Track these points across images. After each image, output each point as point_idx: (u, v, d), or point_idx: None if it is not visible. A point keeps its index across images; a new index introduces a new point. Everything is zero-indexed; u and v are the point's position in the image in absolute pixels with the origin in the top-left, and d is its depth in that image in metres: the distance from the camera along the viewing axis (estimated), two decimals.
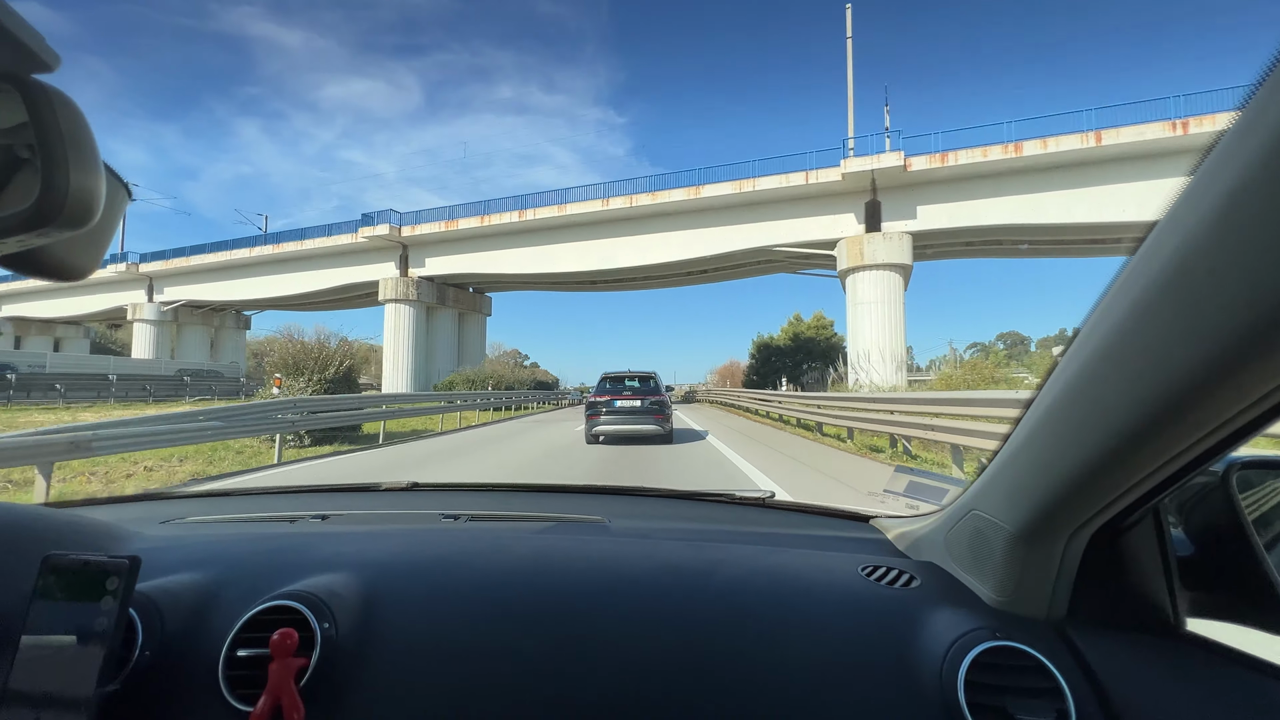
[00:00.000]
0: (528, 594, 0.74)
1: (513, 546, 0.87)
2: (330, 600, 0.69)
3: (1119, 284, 0.44)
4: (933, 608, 0.70)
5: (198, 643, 0.68)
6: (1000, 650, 0.60)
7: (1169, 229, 0.38)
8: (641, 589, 0.75)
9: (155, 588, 0.71)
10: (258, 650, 0.63)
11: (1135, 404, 0.43)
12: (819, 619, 0.70)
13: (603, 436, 9.88)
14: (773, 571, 0.79)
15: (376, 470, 7.78)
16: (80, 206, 0.35)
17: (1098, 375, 0.46)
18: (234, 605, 0.71)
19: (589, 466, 7.78)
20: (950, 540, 0.78)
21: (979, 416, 6.60)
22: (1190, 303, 0.37)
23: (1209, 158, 0.35)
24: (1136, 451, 0.46)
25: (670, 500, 1.29)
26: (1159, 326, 0.39)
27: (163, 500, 1.39)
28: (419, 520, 1.11)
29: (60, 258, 0.41)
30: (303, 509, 1.19)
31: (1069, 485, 0.53)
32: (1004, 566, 0.65)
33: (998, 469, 0.66)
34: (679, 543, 0.90)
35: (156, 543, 0.91)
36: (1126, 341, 0.42)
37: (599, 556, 0.84)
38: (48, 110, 0.34)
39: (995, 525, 0.66)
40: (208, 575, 0.78)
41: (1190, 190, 0.37)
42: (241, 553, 0.86)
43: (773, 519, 1.13)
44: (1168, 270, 0.38)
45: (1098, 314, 0.46)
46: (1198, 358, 0.37)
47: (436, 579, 0.77)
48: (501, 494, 1.40)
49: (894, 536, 0.95)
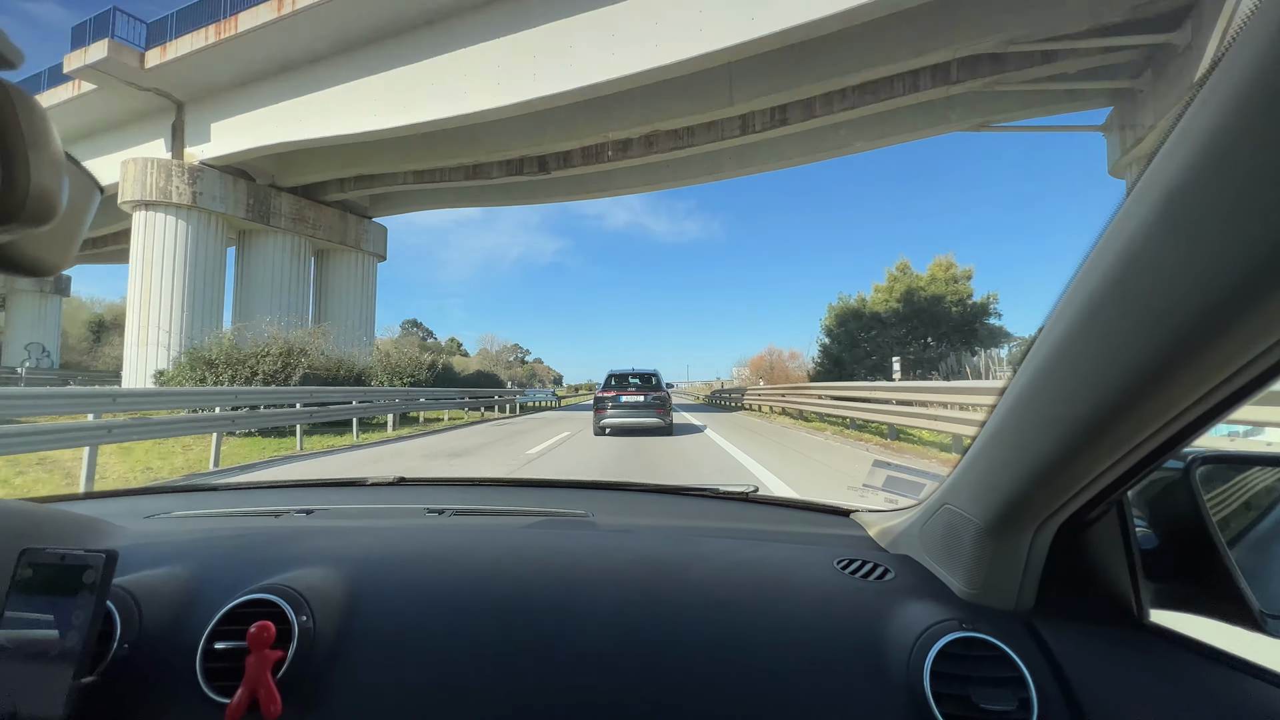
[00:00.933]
0: (507, 588, 0.75)
1: (494, 540, 0.87)
2: (308, 594, 0.70)
3: (1075, 281, 0.45)
4: (905, 600, 0.71)
5: (176, 635, 0.68)
6: (967, 641, 0.61)
7: (1118, 228, 0.39)
8: (621, 582, 0.76)
9: (134, 581, 0.72)
10: (236, 643, 0.64)
11: (1091, 398, 0.44)
12: (793, 611, 0.71)
13: (609, 429, 10.59)
14: (751, 565, 0.80)
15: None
16: (42, 204, 0.35)
17: (1056, 370, 0.47)
18: (213, 599, 0.71)
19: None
20: (924, 534, 0.79)
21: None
22: (1136, 298, 0.38)
23: (1152, 161, 0.36)
24: (1095, 444, 0.47)
25: (655, 495, 1.30)
26: (1109, 322, 0.40)
27: (148, 495, 1.38)
28: (404, 515, 1.12)
29: (30, 253, 0.41)
30: (288, 504, 1.19)
31: (1033, 478, 0.55)
32: (973, 559, 0.67)
33: (969, 463, 0.67)
34: (661, 537, 0.91)
35: (138, 537, 0.91)
36: (1081, 337, 0.44)
37: (581, 550, 0.85)
38: (8, 108, 0.34)
39: (965, 519, 0.67)
40: (188, 569, 0.78)
41: (1135, 191, 0.38)
42: (223, 547, 0.86)
43: (756, 513, 1.14)
44: (1115, 267, 0.39)
45: (1057, 310, 0.47)
46: (1147, 351, 0.38)
47: (416, 573, 0.78)
48: (487, 489, 1.41)
49: (874, 531, 0.97)
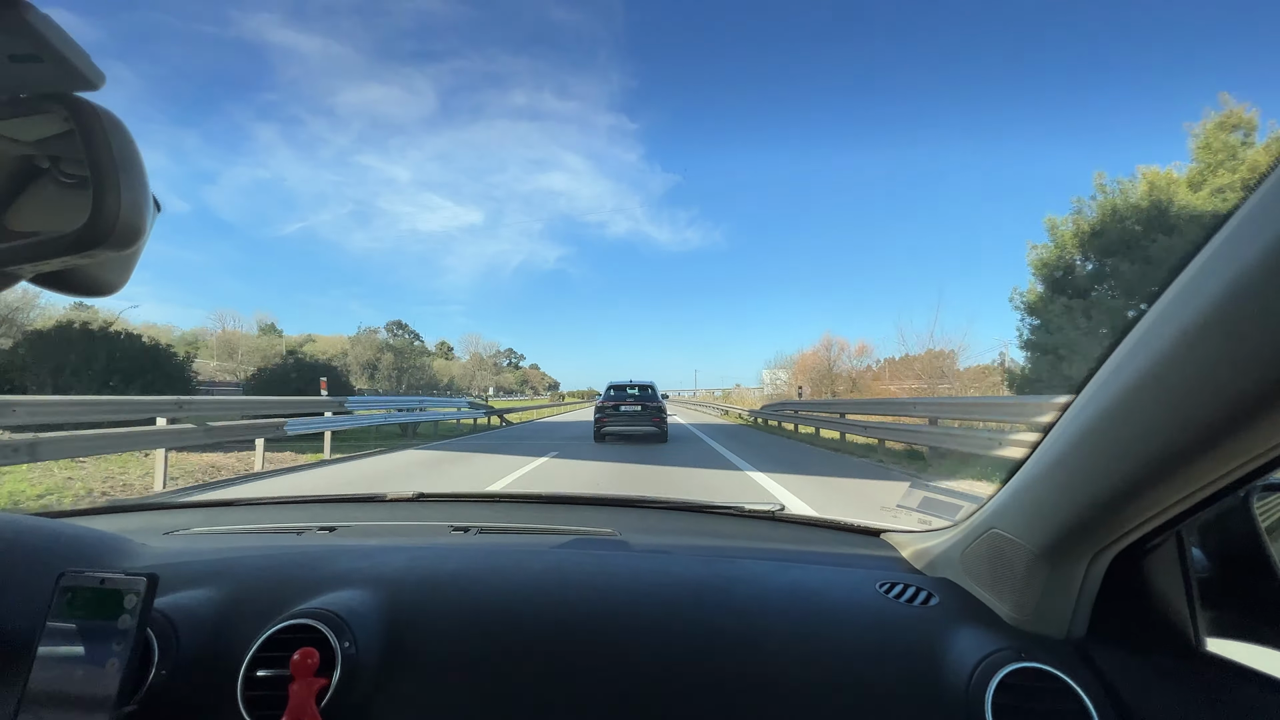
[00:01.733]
0: (546, 609, 0.74)
1: (529, 561, 0.86)
2: (350, 618, 0.68)
3: (1164, 307, 0.44)
4: (953, 626, 0.70)
5: (215, 662, 0.67)
6: (1025, 671, 0.60)
7: (1221, 256, 0.38)
8: (664, 607, 0.75)
9: (170, 605, 0.70)
10: (277, 670, 0.63)
11: (1178, 431, 0.43)
12: (840, 637, 0.70)
13: (609, 436, 11.51)
14: (790, 588, 0.79)
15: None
16: (129, 228, 0.35)
17: (1138, 401, 0.46)
18: (250, 623, 0.70)
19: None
20: (967, 557, 0.78)
21: None
22: (1241, 332, 0.37)
23: (1267, 182, 0.35)
24: (1175, 477, 0.46)
25: (680, 513, 1.29)
26: (1208, 354, 0.39)
27: (163, 510, 1.38)
28: (428, 533, 1.11)
29: (95, 276, 0.41)
30: (308, 520, 1.19)
31: (1098, 507, 0.53)
32: (1025, 586, 0.65)
33: (1020, 488, 0.66)
34: (695, 558, 0.90)
35: (165, 557, 0.90)
36: (1173, 368, 0.43)
37: (619, 572, 0.83)
38: (98, 129, 0.34)
39: (1016, 544, 0.66)
40: (221, 591, 0.77)
41: (1247, 215, 0.37)
42: (253, 567, 0.85)
43: (783, 533, 1.13)
44: (1219, 298, 0.38)
45: (1139, 337, 0.46)
46: (1246, 387, 0.37)
47: (454, 595, 0.77)
48: (508, 505, 1.39)
49: (908, 552, 0.95)
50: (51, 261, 0.36)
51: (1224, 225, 0.39)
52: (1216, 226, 0.39)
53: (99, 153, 0.34)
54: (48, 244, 0.34)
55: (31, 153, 0.39)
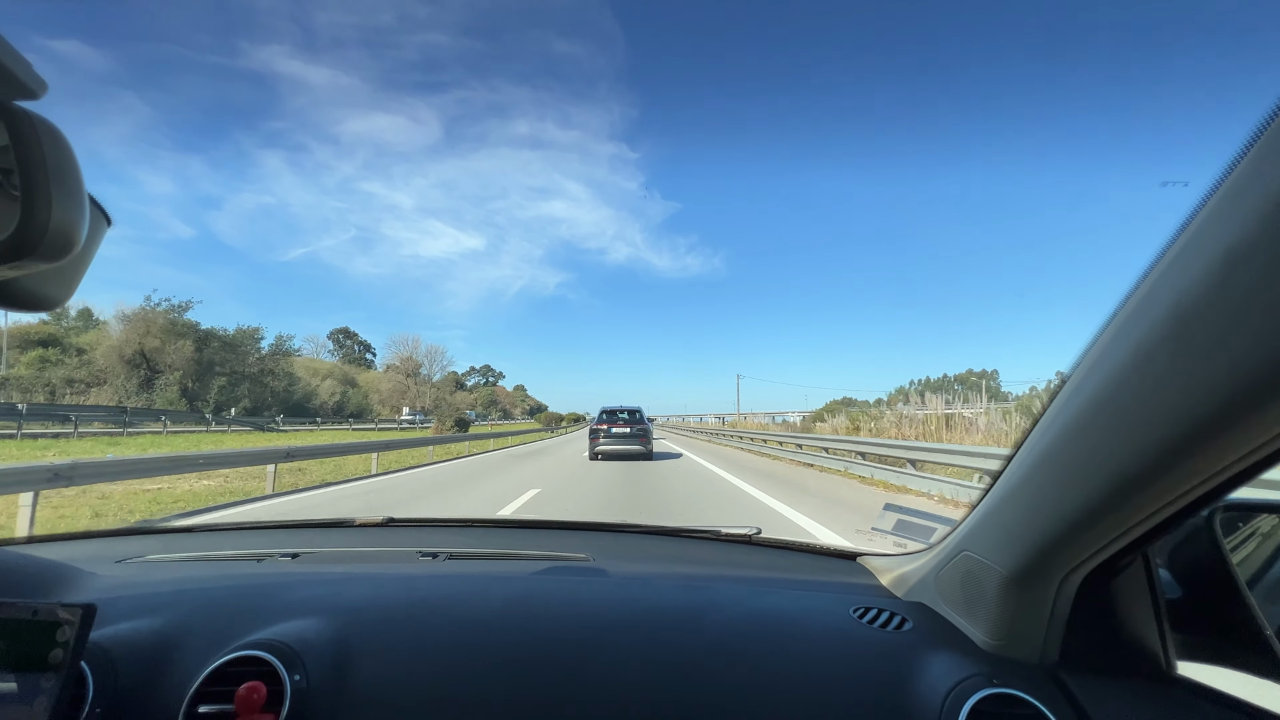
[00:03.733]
0: (512, 641, 0.71)
1: (497, 588, 0.83)
2: (302, 650, 0.65)
3: (1114, 330, 0.44)
4: (926, 651, 0.69)
5: (155, 699, 0.63)
6: (997, 697, 0.59)
7: (1166, 280, 0.39)
8: (636, 635, 0.73)
9: (108, 636, 0.67)
10: (222, 705, 0.59)
11: (1134, 450, 0.43)
12: (814, 663, 0.68)
13: (601, 455, 12.89)
14: (765, 614, 0.77)
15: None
16: (61, 238, 0.34)
17: (1095, 420, 0.47)
18: (196, 655, 0.66)
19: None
20: (941, 581, 0.77)
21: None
22: (1190, 355, 0.37)
23: (1204, 210, 0.36)
24: (1134, 496, 0.46)
25: (655, 537, 1.27)
26: (1158, 376, 0.40)
27: (120, 537, 1.31)
28: (396, 559, 1.07)
29: (32, 290, 0.39)
30: (271, 547, 1.14)
31: (1065, 528, 0.53)
32: (997, 609, 0.65)
33: (990, 510, 0.66)
34: (669, 584, 0.88)
35: (111, 586, 0.86)
36: (1125, 389, 0.43)
37: (590, 599, 0.81)
38: (32, 139, 0.33)
39: (987, 567, 0.65)
40: (167, 621, 0.73)
41: (1187, 242, 0.38)
42: (205, 596, 0.81)
43: (760, 557, 1.12)
44: (1167, 321, 0.38)
45: (1092, 359, 0.47)
46: (1199, 408, 0.37)
47: (414, 625, 0.74)
48: (480, 530, 1.36)
49: (883, 576, 0.94)
50: None
51: (1169, 248, 0.39)
52: (1163, 250, 0.40)
53: (31, 162, 0.33)
54: None
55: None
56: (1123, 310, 0.44)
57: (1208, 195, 0.36)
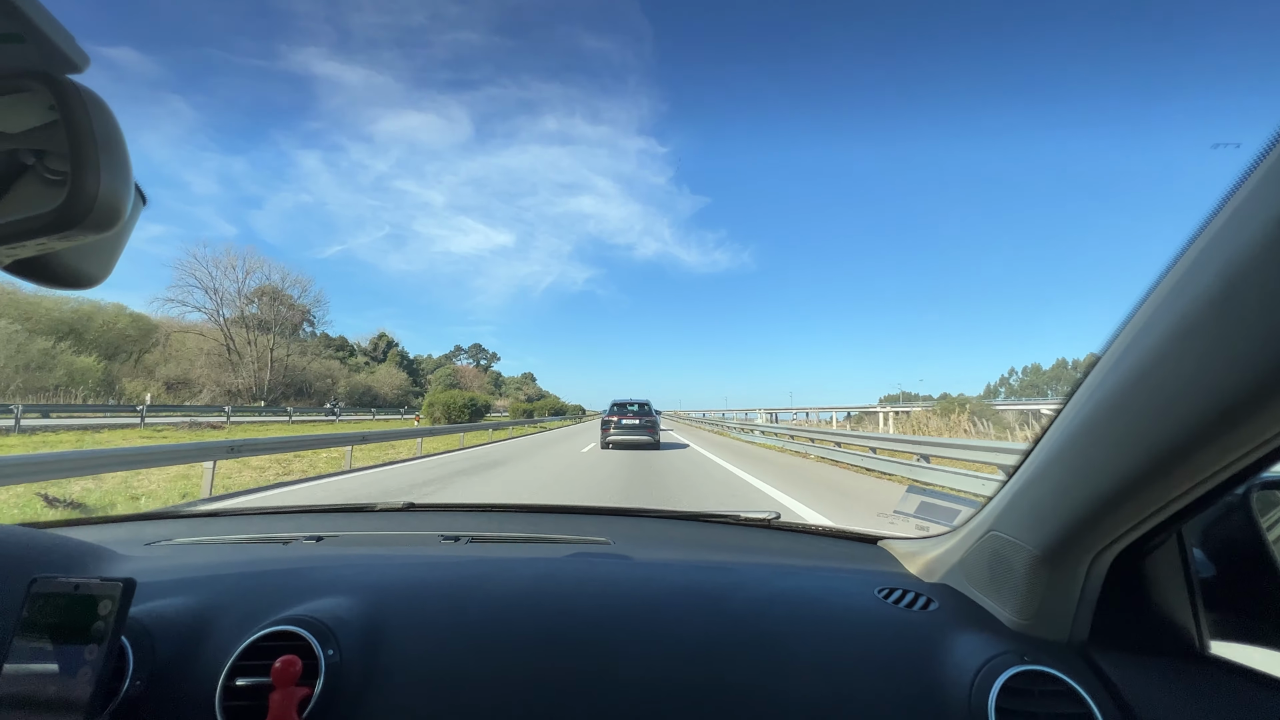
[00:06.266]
0: (537, 619, 0.72)
1: (518, 569, 0.84)
2: (334, 625, 0.66)
3: (1154, 304, 0.43)
4: (953, 631, 0.69)
5: (192, 671, 0.64)
6: (1028, 675, 0.59)
7: (1213, 250, 0.38)
8: (655, 613, 0.73)
9: (146, 612, 0.68)
10: (258, 679, 0.60)
11: (1173, 426, 0.43)
12: (841, 644, 0.68)
13: (612, 445, 13.79)
14: (790, 595, 0.77)
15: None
16: (108, 210, 0.34)
17: (1135, 394, 0.46)
18: (230, 631, 0.68)
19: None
20: (967, 562, 0.77)
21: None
22: (1240, 321, 0.36)
23: (1257, 171, 0.35)
24: (1170, 473, 0.45)
25: (675, 521, 1.27)
26: (1204, 345, 0.39)
27: (149, 521, 1.35)
28: (418, 542, 1.09)
29: (74, 265, 0.40)
30: (296, 530, 1.16)
31: (1098, 506, 0.53)
32: (1026, 588, 0.64)
33: (1019, 489, 0.65)
34: (691, 565, 0.88)
35: (145, 565, 0.88)
36: (1167, 361, 0.42)
37: (608, 579, 0.82)
38: (80, 110, 0.33)
39: (1016, 546, 0.65)
40: (201, 599, 0.74)
41: (1237, 208, 0.37)
42: (235, 575, 0.83)
43: (780, 541, 1.12)
44: (1213, 291, 0.38)
45: (1130, 334, 0.46)
46: (1242, 381, 0.37)
47: (441, 604, 0.75)
48: (500, 514, 1.37)
49: (905, 558, 0.94)
50: (27, 245, 0.35)
51: (1218, 213, 0.38)
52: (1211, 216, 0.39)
53: (79, 132, 0.33)
54: (22, 223, 0.33)
55: (16, 146, 0.38)
56: (1165, 281, 0.43)
57: (1261, 156, 0.35)
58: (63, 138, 0.34)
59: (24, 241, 0.34)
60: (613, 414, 14.45)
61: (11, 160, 0.38)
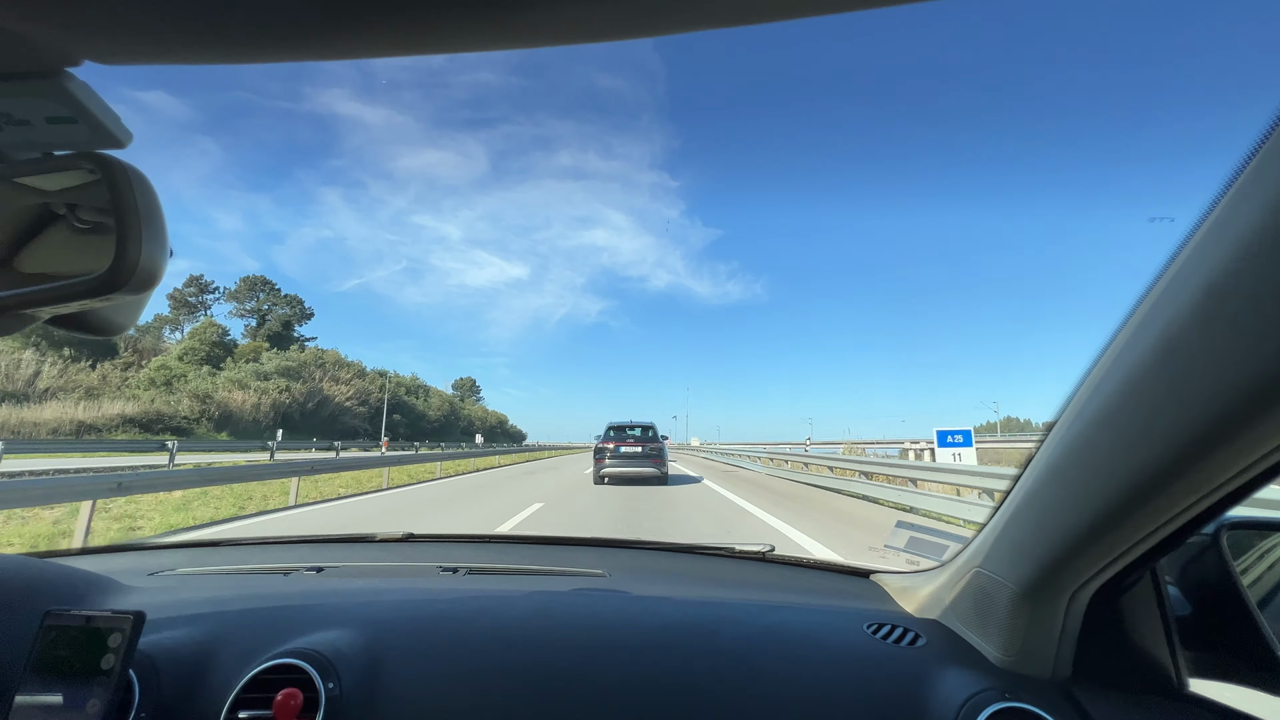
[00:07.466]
0: (533, 653, 0.73)
1: (515, 603, 0.86)
2: (334, 658, 0.68)
3: (1111, 355, 0.46)
4: (941, 667, 0.70)
5: (196, 704, 0.66)
6: (1010, 712, 0.60)
7: (1156, 310, 0.41)
8: (649, 647, 0.75)
9: (153, 645, 0.70)
10: (260, 711, 0.62)
11: (1133, 468, 0.45)
12: (829, 678, 0.70)
13: (607, 479, 11.28)
14: (779, 629, 0.79)
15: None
16: (146, 274, 0.37)
17: (1097, 440, 0.49)
18: (233, 663, 0.69)
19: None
20: (954, 597, 0.78)
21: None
22: (1179, 379, 0.39)
23: (1191, 242, 0.39)
24: (1135, 513, 0.48)
25: (671, 554, 1.28)
26: (1152, 398, 0.42)
27: (148, 550, 1.36)
28: (417, 573, 1.10)
29: (108, 317, 0.43)
30: (296, 561, 1.18)
31: (1072, 544, 0.55)
32: (1009, 625, 0.66)
33: (1000, 526, 0.67)
34: (683, 600, 0.90)
35: (149, 596, 0.89)
36: (1123, 410, 0.45)
37: (607, 614, 0.83)
38: (125, 186, 0.37)
39: (999, 583, 0.66)
40: (204, 631, 0.76)
41: (1175, 273, 0.40)
42: (238, 608, 0.84)
43: (773, 574, 1.13)
44: (1157, 347, 0.41)
45: (1091, 381, 0.49)
46: (1190, 428, 0.39)
47: (440, 636, 0.76)
48: (498, 545, 1.39)
49: (896, 593, 0.95)
50: (71, 305, 0.38)
51: (1158, 280, 0.42)
52: (1152, 282, 0.42)
53: (124, 206, 0.37)
54: (71, 288, 0.37)
55: (50, 201, 0.42)
56: (1118, 336, 0.46)
57: (1191, 232, 0.38)
58: (97, 195, 0.38)
59: (70, 303, 0.38)
60: (608, 439, 11.64)
61: (44, 213, 0.43)
